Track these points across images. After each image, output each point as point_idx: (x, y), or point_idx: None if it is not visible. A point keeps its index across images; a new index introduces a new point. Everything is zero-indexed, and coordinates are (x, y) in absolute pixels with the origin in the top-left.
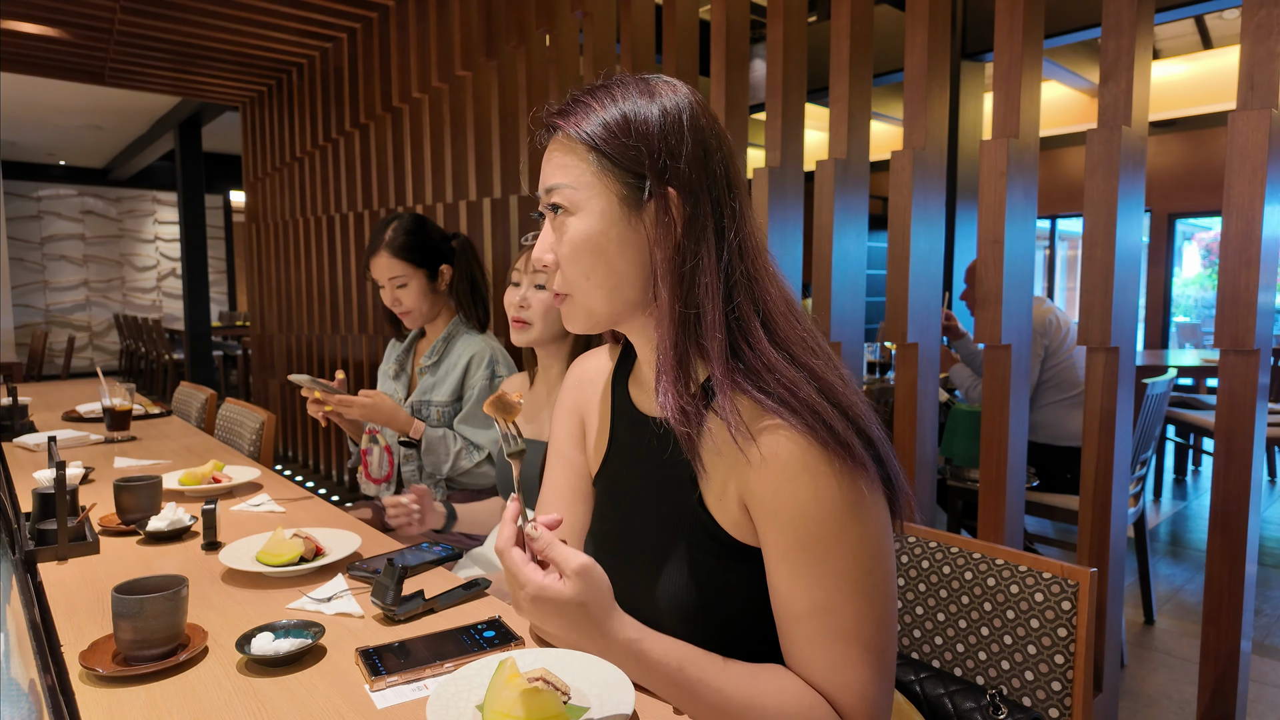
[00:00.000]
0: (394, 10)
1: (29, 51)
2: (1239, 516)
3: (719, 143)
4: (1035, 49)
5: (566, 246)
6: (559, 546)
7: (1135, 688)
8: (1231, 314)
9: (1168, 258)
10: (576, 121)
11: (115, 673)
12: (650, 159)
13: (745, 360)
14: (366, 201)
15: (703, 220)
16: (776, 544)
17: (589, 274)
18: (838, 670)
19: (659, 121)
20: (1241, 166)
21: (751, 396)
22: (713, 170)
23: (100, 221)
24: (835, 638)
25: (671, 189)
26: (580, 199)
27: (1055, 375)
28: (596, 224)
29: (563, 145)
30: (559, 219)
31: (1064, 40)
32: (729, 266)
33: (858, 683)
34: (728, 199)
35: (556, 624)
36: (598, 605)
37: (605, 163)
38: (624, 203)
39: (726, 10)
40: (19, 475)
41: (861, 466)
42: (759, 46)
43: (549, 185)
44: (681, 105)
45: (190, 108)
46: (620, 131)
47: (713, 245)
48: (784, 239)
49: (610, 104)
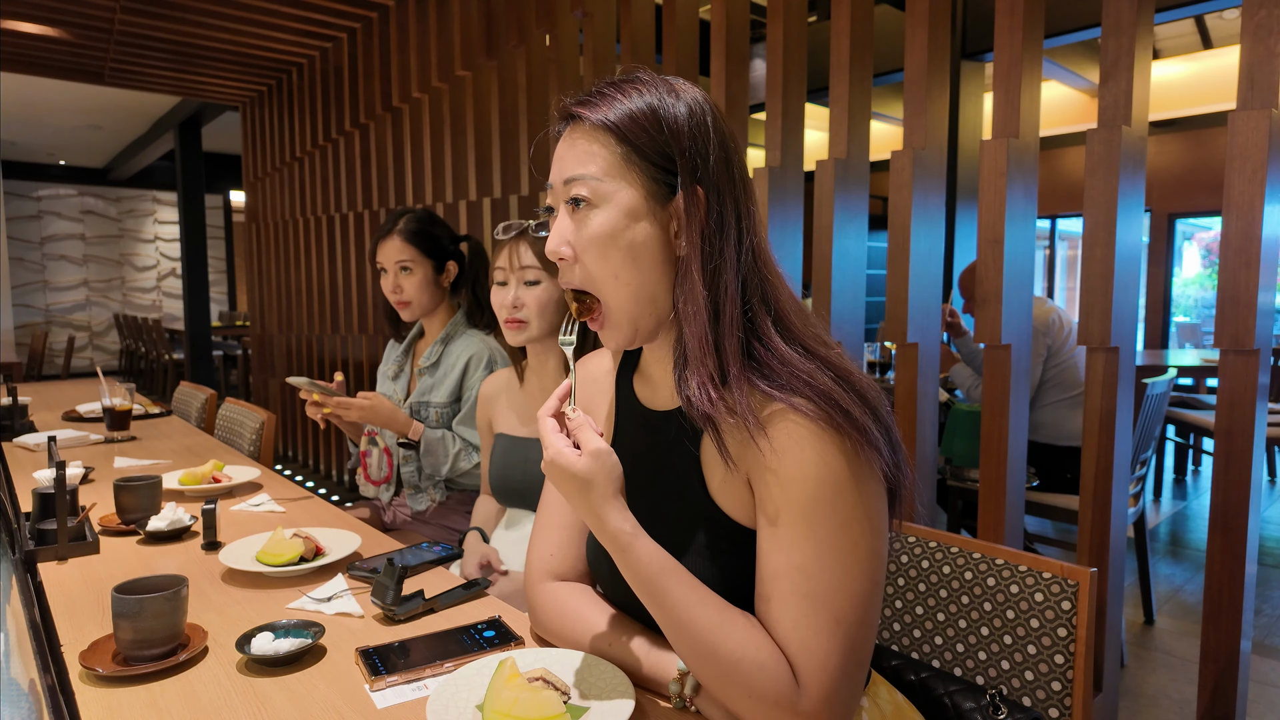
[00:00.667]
0: (394, 10)
1: (29, 51)
2: (1239, 516)
3: (736, 145)
4: (1035, 49)
5: (590, 241)
6: (588, 430)
7: (1135, 688)
8: (1231, 314)
9: (1168, 258)
10: (603, 111)
11: (115, 672)
12: (682, 157)
13: (759, 357)
14: (366, 201)
15: (727, 220)
16: (769, 506)
17: (617, 273)
18: (802, 633)
19: (687, 119)
20: (1241, 166)
21: (763, 390)
22: (733, 173)
23: (100, 221)
24: (807, 600)
25: (700, 188)
26: (607, 190)
27: (1057, 375)
28: (622, 218)
29: (587, 134)
30: (581, 212)
31: (1064, 40)
32: (747, 267)
33: (821, 651)
34: (745, 200)
35: (564, 490)
36: (601, 486)
37: (633, 154)
38: (650, 198)
39: (726, 10)
40: (19, 475)
41: (874, 449)
42: (759, 46)
43: (571, 175)
44: (704, 105)
45: (190, 107)
46: (649, 124)
47: (734, 245)
48: (784, 239)
49: (636, 96)
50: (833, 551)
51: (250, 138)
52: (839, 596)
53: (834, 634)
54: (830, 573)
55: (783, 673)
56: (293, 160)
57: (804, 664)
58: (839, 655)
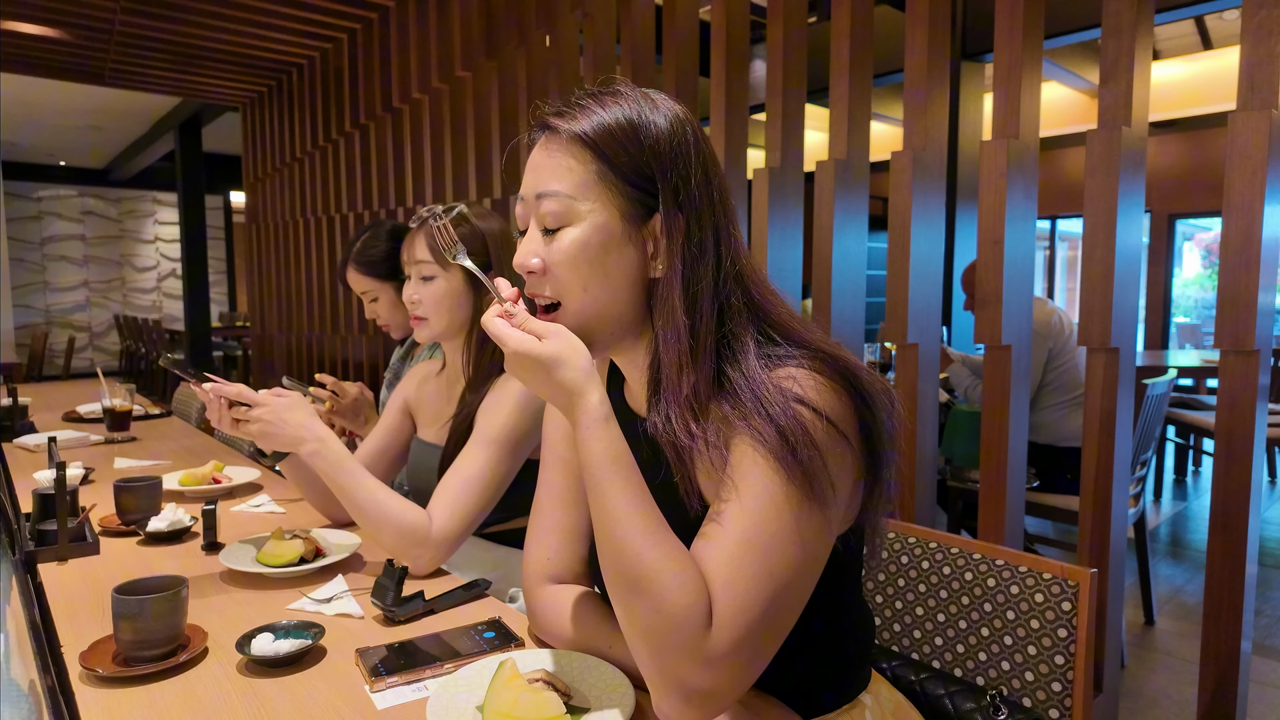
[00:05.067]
0: (394, 11)
1: (30, 52)
2: (1239, 517)
3: (715, 165)
4: (1035, 49)
5: (562, 255)
6: (536, 321)
7: (1135, 688)
8: (1231, 315)
9: (1168, 258)
10: (579, 123)
11: (115, 673)
12: (664, 179)
13: (730, 380)
14: (366, 202)
15: (707, 244)
16: (736, 444)
17: (586, 285)
18: (731, 571)
19: (669, 136)
20: (1241, 167)
21: (727, 414)
22: (714, 194)
23: (100, 222)
24: (745, 545)
25: (678, 210)
26: (580, 209)
27: (1058, 377)
28: (596, 234)
29: (562, 148)
30: (553, 228)
31: (1064, 41)
32: (727, 291)
33: (745, 594)
34: (725, 221)
35: (534, 380)
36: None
37: (609, 171)
38: (625, 217)
39: (726, 11)
40: (19, 476)
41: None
42: (759, 47)
43: (543, 190)
44: (685, 121)
45: (190, 108)
46: (628, 140)
47: (712, 269)
48: (784, 240)
49: (615, 108)
50: (776, 508)
51: (250, 138)
52: (776, 551)
53: (764, 585)
54: (774, 524)
55: (699, 601)
56: (293, 161)
57: (724, 601)
58: (760, 606)
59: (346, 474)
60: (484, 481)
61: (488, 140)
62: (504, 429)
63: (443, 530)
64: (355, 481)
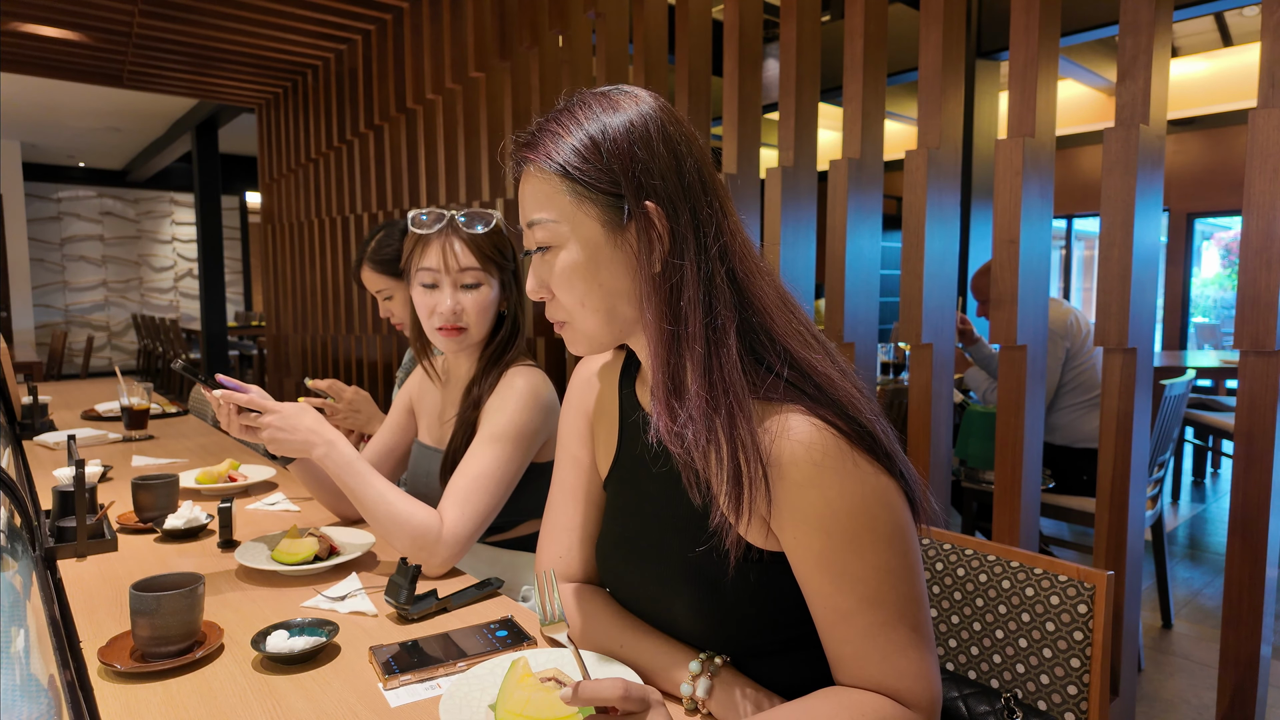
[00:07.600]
0: (408, 12)
1: (49, 55)
2: (1259, 520)
3: (689, 148)
4: (1051, 47)
5: (556, 279)
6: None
7: (1153, 692)
8: (1251, 314)
9: (1186, 257)
10: (546, 152)
11: (133, 669)
12: (625, 178)
13: (714, 378)
14: (381, 202)
15: (684, 231)
16: (808, 548)
17: (584, 300)
18: (894, 660)
19: (626, 136)
20: (1262, 165)
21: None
22: (687, 178)
23: (119, 222)
24: (886, 628)
25: (650, 203)
26: (564, 232)
27: (1075, 377)
28: (582, 253)
29: (536, 178)
30: (547, 255)
31: (1081, 38)
32: (710, 276)
33: (915, 664)
34: (704, 205)
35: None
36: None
37: (581, 190)
38: (606, 226)
39: (739, 10)
40: (39, 473)
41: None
42: (772, 46)
43: (529, 220)
44: (647, 115)
45: (207, 110)
46: (590, 155)
47: (694, 256)
48: (797, 239)
49: (575, 128)
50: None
51: (266, 139)
52: (909, 607)
53: (916, 644)
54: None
55: (884, 707)
56: (308, 162)
57: (905, 686)
58: (928, 659)
59: (357, 476)
60: (494, 479)
61: (501, 140)
62: (511, 425)
63: (454, 530)
64: (365, 484)
